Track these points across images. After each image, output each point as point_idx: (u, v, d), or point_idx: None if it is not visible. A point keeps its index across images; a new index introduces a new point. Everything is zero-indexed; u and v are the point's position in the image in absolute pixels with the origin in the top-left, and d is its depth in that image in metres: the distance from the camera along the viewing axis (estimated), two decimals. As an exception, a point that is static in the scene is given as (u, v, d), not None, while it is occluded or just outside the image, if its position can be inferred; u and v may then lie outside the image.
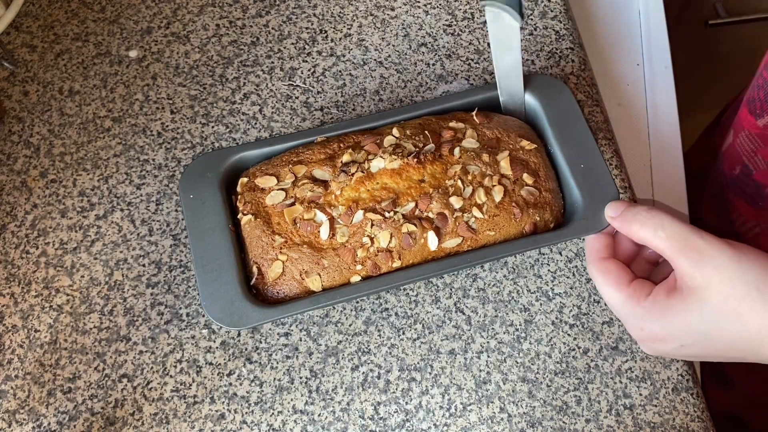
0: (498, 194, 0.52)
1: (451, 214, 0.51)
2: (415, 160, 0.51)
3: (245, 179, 0.54)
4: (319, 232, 0.50)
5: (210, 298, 0.49)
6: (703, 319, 0.42)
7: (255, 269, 0.51)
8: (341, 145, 0.54)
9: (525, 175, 0.53)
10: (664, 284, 0.44)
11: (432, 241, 0.50)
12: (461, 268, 0.54)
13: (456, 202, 0.51)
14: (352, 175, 0.51)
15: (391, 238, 0.50)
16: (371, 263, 0.50)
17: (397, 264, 0.50)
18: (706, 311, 0.41)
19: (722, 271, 0.41)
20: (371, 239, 0.50)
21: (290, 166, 0.53)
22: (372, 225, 0.50)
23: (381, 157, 0.52)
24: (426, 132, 0.54)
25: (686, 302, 0.42)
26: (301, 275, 0.50)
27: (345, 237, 0.50)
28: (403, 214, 0.50)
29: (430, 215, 0.51)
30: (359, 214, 0.50)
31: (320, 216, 0.51)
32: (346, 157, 0.52)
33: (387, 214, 0.50)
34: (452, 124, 0.55)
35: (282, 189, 0.52)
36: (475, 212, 0.51)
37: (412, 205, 0.51)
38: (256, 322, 0.48)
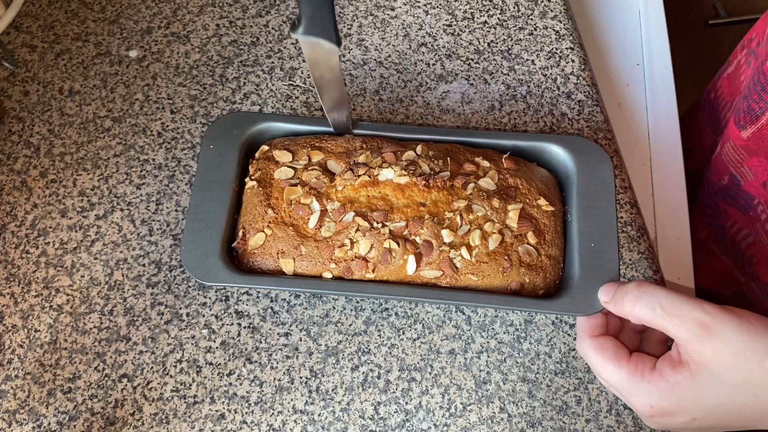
0: (493, 242, 0.50)
1: (438, 245, 0.50)
2: (424, 182, 0.51)
3: (266, 147, 0.55)
4: (308, 219, 0.51)
5: (190, 245, 0.51)
6: (716, 393, 0.41)
7: (241, 233, 0.52)
8: (364, 145, 0.54)
9: (530, 233, 0.51)
10: (667, 357, 0.43)
11: (411, 265, 0.50)
12: (433, 303, 0.53)
13: (447, 235, 0.50)
14: (359, 176, 0.51)
15: (371, 248, 0.50)
16: (345, 266, 0.50)
17: (370, 275, 0.50)
18: (718, 385, 0.41)
19: (731, 344, 0.40)
20: (351, 243, 0.50)
21: (309, 149, 0.54)
22: (357, 230, 0.50)
23: (392, 168, 0.51)
24: (448, 158, 0.53)
25: (696, 377, 0.41)
26: (278, 254, 0.51)
27: (330, 232, 0.50)
28: (390, 230, 0.50)
29: (417, 239, 0.50)
30: (349, 216, 0.50)
31: (315, 205, 0.51)
32: (361, 158, 0.53)
33: (375, 224, 0.50)
34: (478, 159, 0.54)
35: (292, 167, 0.53)
36: (464, 252, 0.50)
37: (402, 224, 0.50)
38: (221, 282, 0.50)
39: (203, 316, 0.55)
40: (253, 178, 0.54)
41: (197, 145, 0.62)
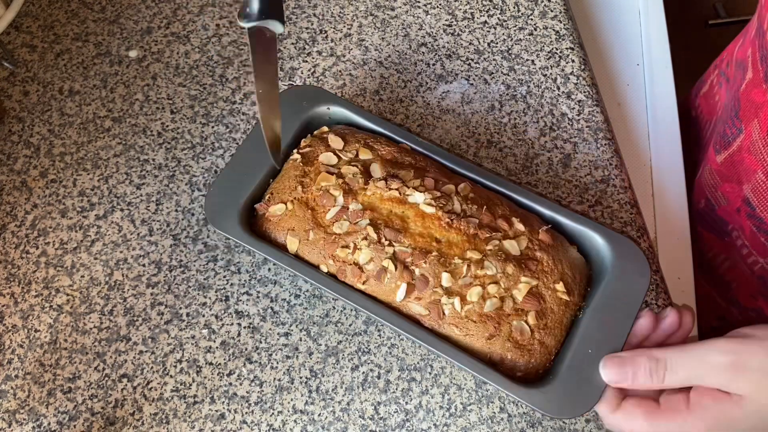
0: (489, 306, 0.48)
1: (434, 285, 0.48)
2: (448, 219, 0.49)
3: (326, 128, 0.56)
4: (328, 210, 0.51)
5: (217, 188, 0.53)
6: (762, 418, 0.41)
7: (267, 196, 0.53)
8: (413, 161, 0.54)
9: (532, 313, 0.48)
10: (700, 389, 0.42)
11: (401, 292, 0.49)
12: (409, 338, 0.51)
13: (447, 280, 0.48)
14: (390, 189, 0.51)
15: (369, 260, 0.49)
16: (341, 267, 0.50)
17: (360, 286, 0.50)
18: (765, 411, 0.41)
19: (765, 369, 0.40)
20: (354, 248, 0.50)
21: (361, 144, 0.54)
22: (364, 238, 0.50)
23: (424, 194, 0.50)
24: (485, 207, 0.51)
25: (743, 407, 0.41)
26: (288, 230, 0.51)
27: (341, 230, 0.50)
28: (395, 251, 0.49)
29: (416, 271, 0.49)
30: (364, 222, 0.50)
31: (340, 199, 0.51)
32: (403, 173, 0.52)
33: (383, 240, 0.49)
34: (515, 219, 0.51)
35: (338, 156, 0.54)
36: (456, 302, 0.48)
37: (409, 250, 0.49)
38: (228, 233, 0.51)
39: (203, 316, 0.55)
40: (300, 151, 0.54)
41: (197, 145, 0.62)
